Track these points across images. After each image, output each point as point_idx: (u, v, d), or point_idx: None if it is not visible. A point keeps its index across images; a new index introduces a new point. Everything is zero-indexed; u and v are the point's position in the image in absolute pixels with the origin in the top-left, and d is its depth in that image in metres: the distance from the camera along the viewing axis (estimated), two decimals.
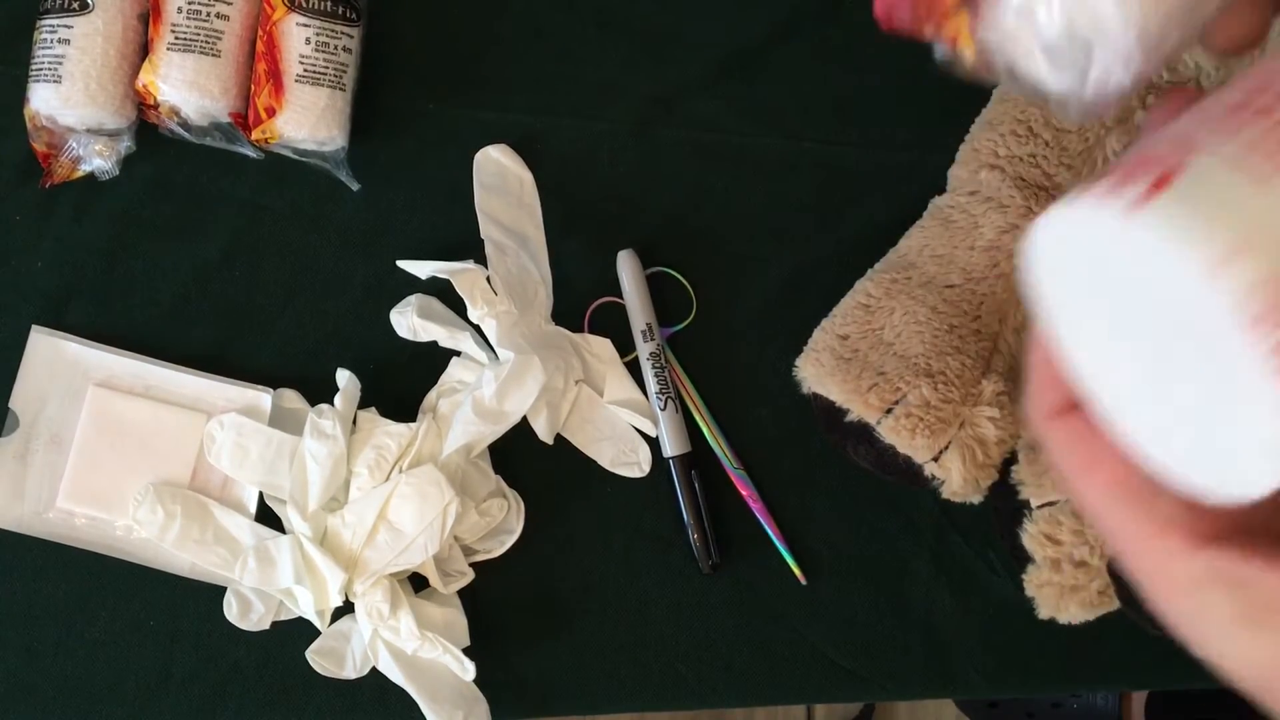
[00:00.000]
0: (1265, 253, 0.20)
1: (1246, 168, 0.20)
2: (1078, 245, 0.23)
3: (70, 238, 0.61)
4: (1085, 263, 0.23)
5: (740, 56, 0.64)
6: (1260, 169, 0.20)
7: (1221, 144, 0.21)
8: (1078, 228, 0.23)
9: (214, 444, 0.58)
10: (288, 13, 0.57)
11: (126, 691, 0.58)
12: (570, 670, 0.60)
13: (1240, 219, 0.20)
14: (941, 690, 0.62)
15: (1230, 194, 0.20)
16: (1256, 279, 0.20)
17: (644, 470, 0.60)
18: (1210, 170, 0.21)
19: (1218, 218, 0.20)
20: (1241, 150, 0.21)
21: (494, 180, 0.62)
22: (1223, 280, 0.20)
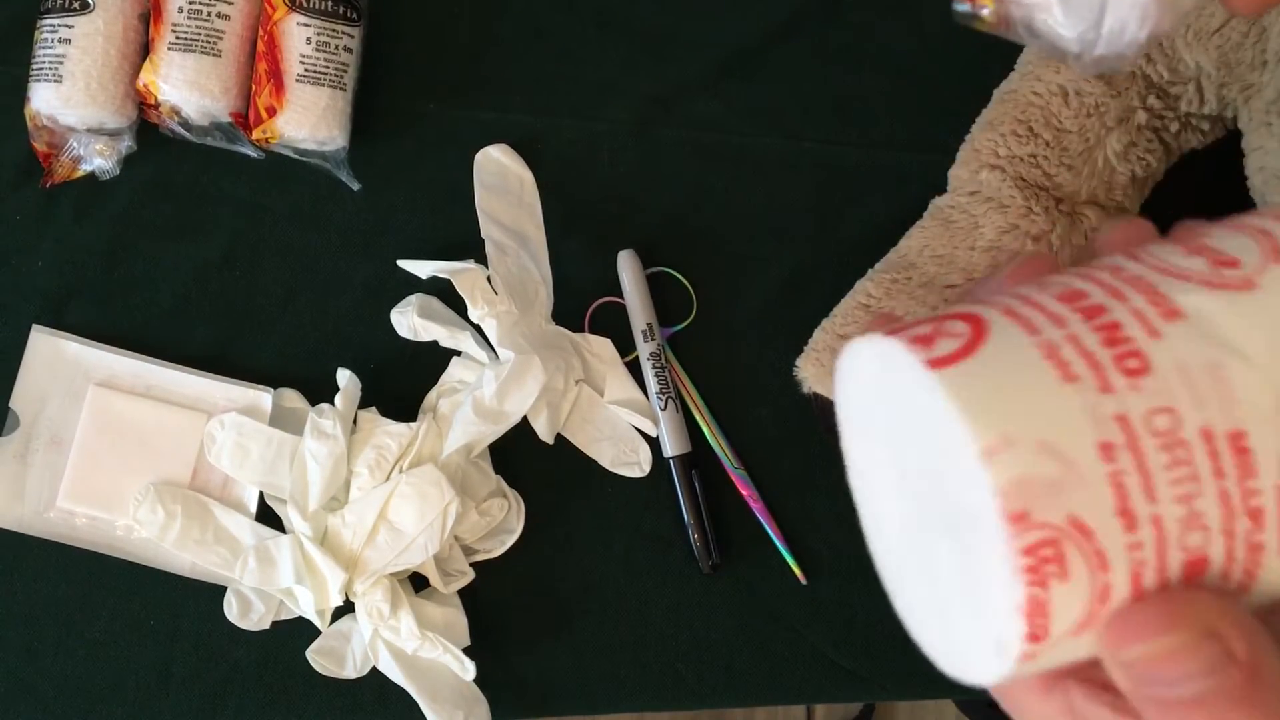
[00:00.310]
0: (1042, 452, 0.19)
1: (1053, 360, 0.20)
2: (879, 378, 0.23)
3: (70, 238, 0.61)
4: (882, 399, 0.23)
5: (740, 56, 0.64)
6: (1067, 368, 0.20)
7: (1043, 327, 0.21)
8: (884, 361, 0.22)
9: (214, 444, 0.58)
10: (288, 12, 0.57)
11: (126, 691, 0.58)
12: (570, 670, 0.60)
13: (1028, 411, 0.20)
14: (941, 690, 0.62)
15: (1026, 381, 0.20)
16: (1025, 475, 0.19)
17: (644, 470, 0.60)
18: (1015, 351, 0.20)
19: (1006, 403, 0.20)
20: (1057, 342, 0.20)
21: (494, 180, 0.62)
22: (994, 467, 0.19)
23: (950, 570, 0.22)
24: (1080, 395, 0.20)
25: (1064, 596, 0.20)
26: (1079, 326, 0.20)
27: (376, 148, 0.62)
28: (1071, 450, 0.19)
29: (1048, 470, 0.19)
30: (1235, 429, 0.20)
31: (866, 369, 0.24)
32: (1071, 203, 0.57)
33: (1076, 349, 0.20)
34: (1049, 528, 0.19)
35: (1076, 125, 0.56)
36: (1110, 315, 0.20)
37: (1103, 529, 0.19)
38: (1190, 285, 0.21)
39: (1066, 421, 0.20)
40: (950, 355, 0.21)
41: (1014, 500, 0.19)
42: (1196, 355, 0.20)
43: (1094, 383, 0.20)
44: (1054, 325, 0.21)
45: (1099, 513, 0.19)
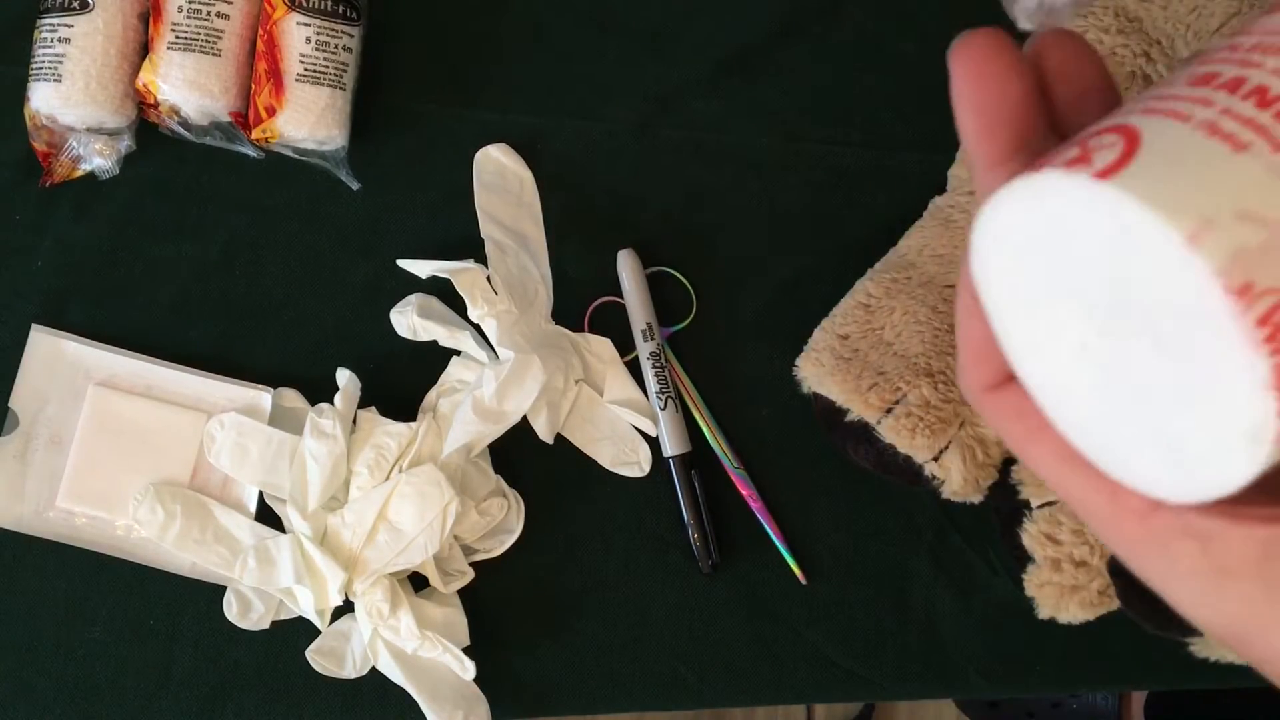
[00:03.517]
0: (1244, 220, 0.19)
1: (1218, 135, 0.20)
2: (1038, 220, 0.22)
3: (70, 237, 0.61)
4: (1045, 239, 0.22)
5: (740, 56, 0.64)
6: (1234, 139, 0.20)
7: (1194, 110, 0.20)
8: (1040, 200, 0.22)
9: (214, 443, 0.58)
10: (288, 12, 0.57)
11: (126, 691, 0.58)
12: (570, 670, 0.60)
13: (1215, 188, 0.19)
14: (941, 690, 0.62)
15: (1202, 163, 0.20)
16: (1238, 247, 0.19)
17: (644, 470, 0.60)
18: (1182, 137, 0.20)
19: (1195, 185, 0.19)
20: (1216, 116, 0.20)
21: (494, 179, 0.62)
22: (1204, 249, 0.19)
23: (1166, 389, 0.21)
24: (1258, 159, 0.19)
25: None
26: (1227, 100, 0.20)
27: (376, 148, 0.62)
28: (1272, 211, 0.19)
29: (1256, 236, 0.19)
30: None
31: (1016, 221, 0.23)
32: None
33: (1236, 119, 0.20)
34: (1275, 292, 0.19)
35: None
36: (1253, 82, 0.20)
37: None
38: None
39: (1256, 186, 0.19)
40: (1114, 163, 0.20)
41: (1235, 275, 0.19)
42: None
43: (1265, 145, 0.19)
44: (1203, 107, 0.20)
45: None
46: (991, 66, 0.24)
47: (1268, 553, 0.22)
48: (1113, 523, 0.25)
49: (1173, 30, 0.55)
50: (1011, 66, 0.24)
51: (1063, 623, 0.57)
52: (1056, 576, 0.55)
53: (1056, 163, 0.21)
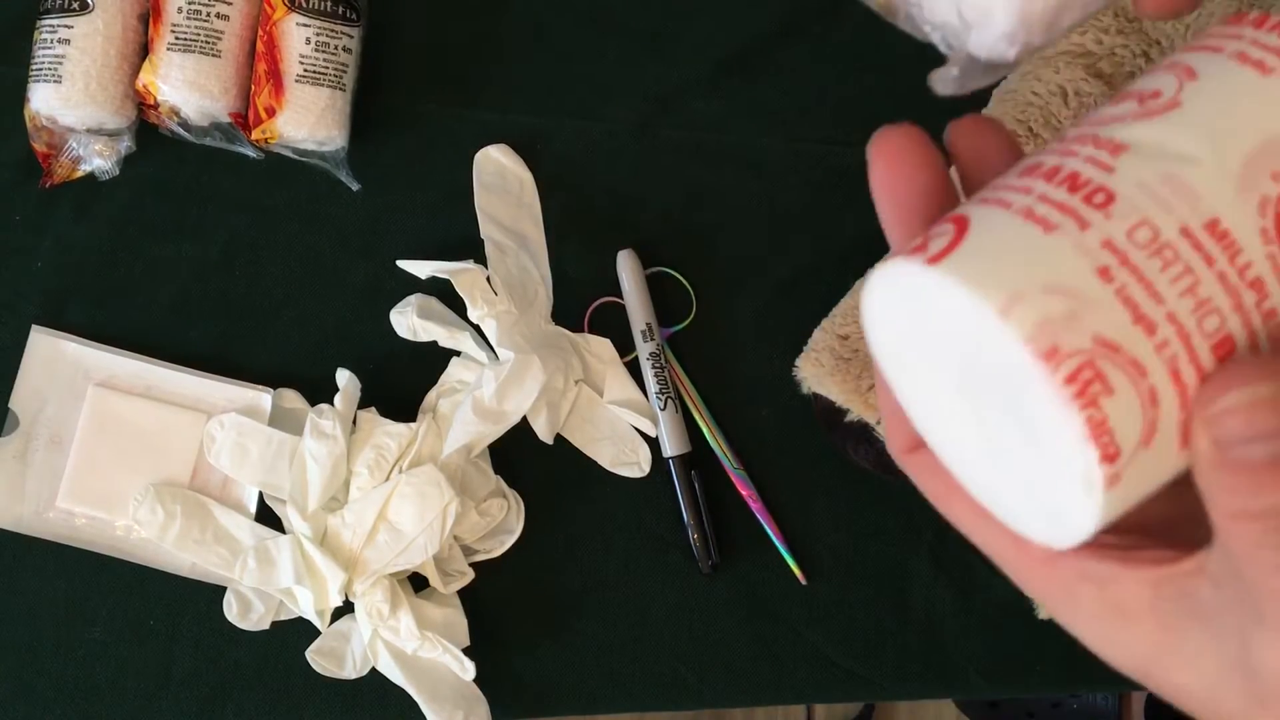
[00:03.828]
0: (1050, 293, 0.21)
1: (1032, 219, 0.22)
2: (895, 301, 0.25)
3: (70, 238, 0.61)
4: (904, 317, 0.25)
5: (740, 56, 0.64)
6: (1046, 222, 0.22)
7: (1015, 198, 0.23)
8: (892, 284, 0.24)
9: (214, 444, 0.58)
10: (288, 13, 0.57)
11: (126, 691, 0.58)
12: (570, 670, 0.60)
13: (1025, 266, 0.22)
14: (941, 690, 0.62)
15: (1016, 244, 0.22)
16: (1043, 316, 0.21)
17: (644, 470, 0.60)
18: (1002, 222, 0.23)
19: (1008, 264, 0.22)
20: (1032, 202, 0.23)
21: (494, 180, 0.62)
22: (1014, 320, 0.21)
23: (1022, 445, 0.23)
24: (1065, 238, 0.22)
25: (1118, 409, 0.21)
26: (1044, 187, 0.23)
27: (376, 148, 0.62)
28: (1075, 284, 0.21)
29: (1060, 307, 0.21)
30: (1208, 218, 0.22)
31: (883, 298, 0.25)
32: None
33: (1048, 204, 0.22)
34: (1080, 353, 0.21)
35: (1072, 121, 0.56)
36: (1066, 169, 0.23)
37: (1127, 339, 0.21)
38: (1125, 124, 0.23)
39: (1061, 263, 0.22)
40: (944, 249, 0.23)
41: (1041, 340, 0.21)
42: (1150, 172, 0.22)
43: (1073, 224, 0.22)
44: (1023, 195, 0.23)
45: (1119, 327, 0.21)
46: (903, 160, 0.27)
47: (1159, 594, 0.23)
48: (1022, 570, 0.27)
49: (1172, 30, 0.55)
50: (921, 160, 0.27)
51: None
52: None
53: (903, 250, 0.24)
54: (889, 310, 0.26)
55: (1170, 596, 0.23)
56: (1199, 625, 0.23)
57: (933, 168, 0.27)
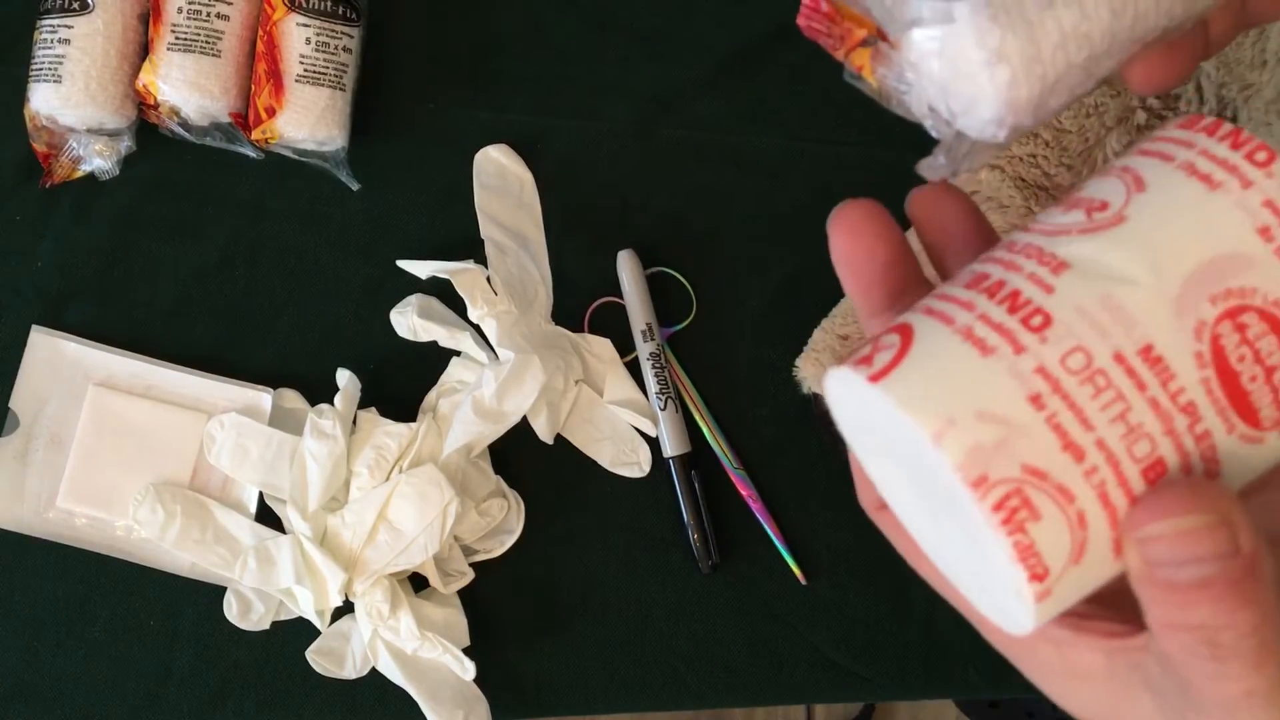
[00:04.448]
0: (982, 420, 0.22)
1: (970, 340, 0.23)
2: (848, 399, 0.26)
3: (70, 238, 0.61)
4: (857, 414, 0.26)
5: (740, 56, 0.64)
6: (983, 344, 0.23)
7: (958, 314, 0.24)
8: (843, 386, 0.25)
9: (214, 444, 0.58)
10: (288, 13, 0.57)
11: (126, 691, 0.58)
12: (570, 670, 0.60)
13: (960, 390, 0.22)
14: (941, 690, 0.62)
15: (954, 366, 0.23)
16: (974, 444, 0.22)
17: (644, 470, 0.60)
18: (942, 342, 0.23)
19: (940, 390, 0.23)
20: (972, 321, 0.23)
21: (494, 180, 0.62)
22: (946, 446, 0.22)
23: (965, 543, 0.24)
24: (1000, 363, 0.22)
25: (1045, 533, 0.22)
26: (985, 305, 0.23)
27: (376, 148, 0.62)
28: (1006, 411, 0.22)
29: (991, 434, 0.22)
30: (1142, 344, 0.22)
31: (839, 396, 0.27)
32: None
33: (988, 325, 0.23)
34: (1008, 481, 0.22)
35: (1076, 125, 0.56)
36: (1009, 287, 0.23)
37: (1054, 466, 0.22)
38: (1070, 238, 0.24)
39: (994, 388, 0.22)
40: (887, 366, 0.24)
41: (971, 468, 0.22)
42: (1088, 294, 0.22)
43: (1009, 349, 0.22)
44: (965, 310, 0.24)
45: (1047, 454, 0.22)
46: (861, 234, 0.29)
47: (1112, 661, 0.25)
48: (986, 627, 0.28)
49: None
50: (878, 234, 0.29)
51: None
52: None
53: (851, 360, 0.25)
54: (844, 404, 0.26)
55: (1122, 666, 0.25)
56: (1149, 695, 0.24)
57: (890, 242, 0.28)
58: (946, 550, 0.27)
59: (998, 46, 0.26)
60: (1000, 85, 0.26)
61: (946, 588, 0.29)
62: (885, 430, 0.25)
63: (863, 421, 0.26)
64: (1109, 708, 0.26)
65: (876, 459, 0.28)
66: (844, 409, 0.27)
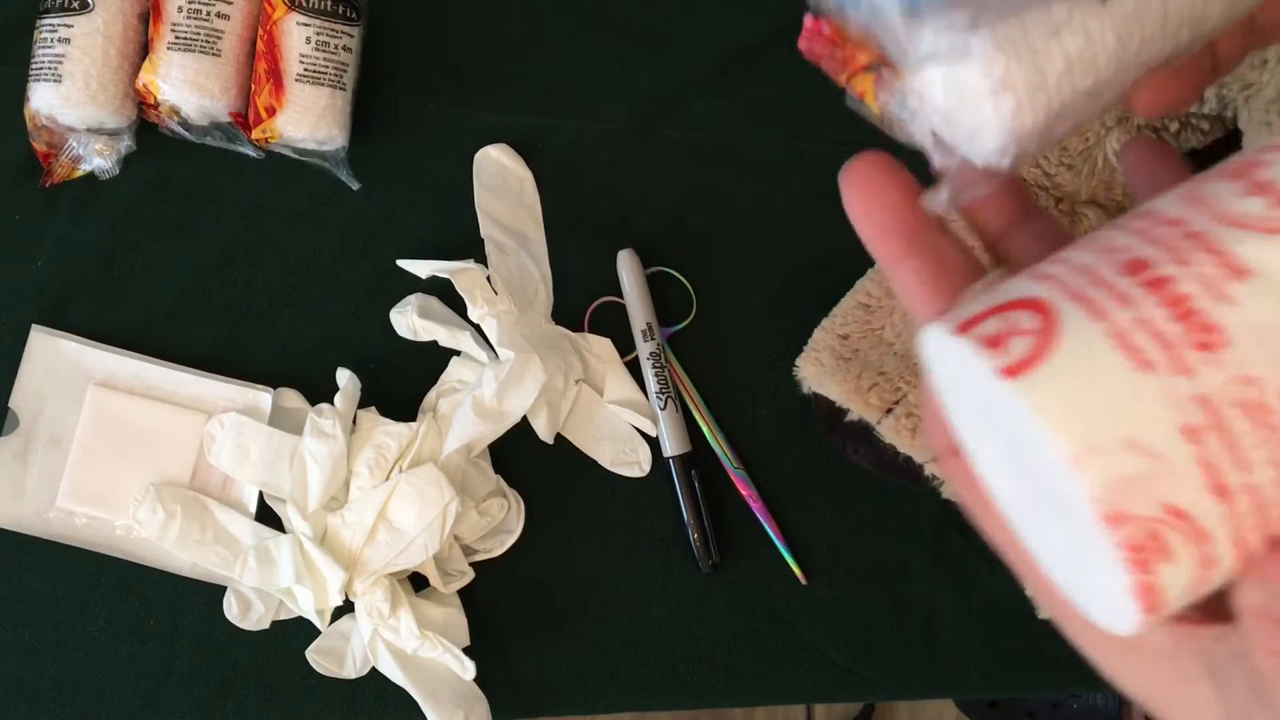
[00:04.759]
0: (1128, 449, 0.20)
1: (1127, 350, 0.20)
2: (960, 371, 0.23)
3: (70, 237, 0.61)
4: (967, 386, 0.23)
5: (740, 56, 0.64)
6: (1140, 356, 0.20)
7: (1113, 311, 0.21)
8: (957, 360, 0.23)
9: (214, 444, 0.58)
10: (288, 12, 0.57)
11: (126, 691, 0.58)
12: (570, 670, 0.60)
13: (1108, 410, 0.20)
14: (941, 690, 0.62)
15: (1103, 380, 0.20)
16: (1115, 476, 0.20)
17: (644, 470, 0.60)
18: (1087, 345, 0.20)
19: (1086, 407, 0.20)
20: (1130, 325, 0.20)
21: (494, 180, 0.62)
22: (1084, 474, 0.20)
23: (1064, 538, 0.22)
24: (1158, 383, 0.20)
25: (1171, 573, 0.20)
26: (1147, 306, 0.20)
27: (376, 148, 0.62)
28: (1156, 442, 0.20)
29: (1135, 467, 0.20)
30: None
31: (943, 358, 0.24)
32: (1071, 202, 0.57)
33: (1148, 332, 0.20)
34: (1145, 520, 0.20)
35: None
36: (1177, 287, 0.20)
37: (1198, 508, 0.20)
38: (1252, 235, 0.20)
39: (1147, 414, 0.20)
40: (1023, 360, 0.21)
41: (1108, 502, 0.20)
42: (1269, 315, 0.20)
43: (1169, 367, 0.20)
44: (1121, 306, 0.20)
45: (1192, 494, 0.20)
46: (873, 181, 0.28)
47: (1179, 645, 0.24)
48: (1041, 590, 0.27)
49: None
50: (889, 179, 0.28)
51: None
52: None
53: (975, 336, 0.22)
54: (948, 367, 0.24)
55: (1188, 650, 0.24)
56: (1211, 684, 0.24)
57: (901, 186, 0.28)
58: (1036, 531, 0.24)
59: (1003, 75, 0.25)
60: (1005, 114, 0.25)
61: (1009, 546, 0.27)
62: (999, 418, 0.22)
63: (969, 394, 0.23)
64: (1164, 688, 0.25)
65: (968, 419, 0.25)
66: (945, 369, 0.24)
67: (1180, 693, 0.25)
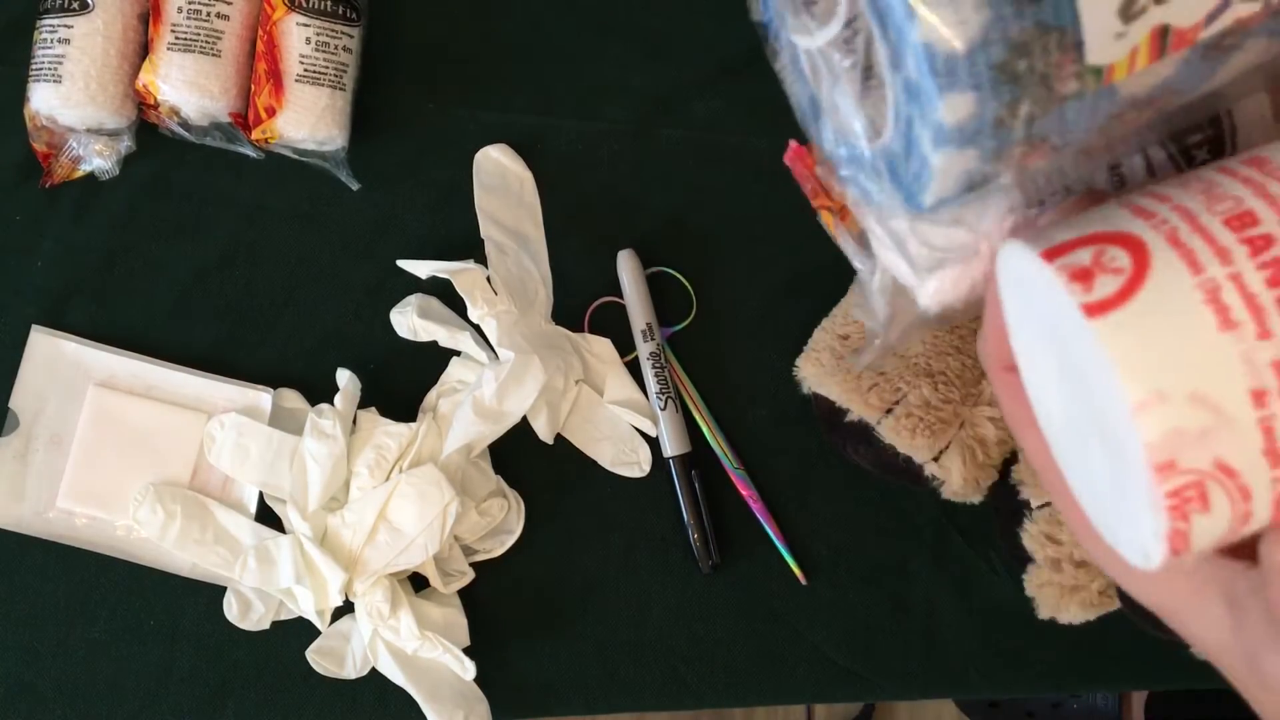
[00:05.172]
0: (1194, 403, 0.20)
1: (1215, 305, 0.20)
2: (1038, 294, 0.23)
3: (70, 238, 0.61)
4: (1040, 309, 0.24)
5: (740, 56, 0.64)
6: (1227, 315, 0.20)
7: (1209, 264, 0.20)
8: (1041, 285, 0.23)
9: (214, 444, 0.58)
10: (288, 12, 0.57)
11: (126, 691, 0.58)
12: (570, 670, 0.60)
13: (1183, 362, 0.20)
14: (941, 690, 0.62)
15: (1185, 332, 0.20)
16: (1176, 428, 0.20)
17: (644, 470, 0.60)
18: (1176, 295, 0.20)
19: (1162, 355, 0.20)
20: (1223, 281, 0.20)
21: (494, 180, 0.62)
22: (1145, 422, 0.20)
23: (1106, 471, 0.23)
24: (1238, 343, 0.20)
25: (1205, 524, 0.20)
26: (1244, 263, 0.20)
27: (376, 148, 0.62)
28: (1224, 400, 0.20)
29: (1198, 420, 0.20)
30: None
31: (1022, 278, 0.24)
32: None
33: (1240, 291, 0.20)
34: (1194, 472, 0.20)
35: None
36: (1277, 249, 0.20)
37: (1248, 468, 0.20)
38: None
39: (1221, 371, 0.20)
40: (1109, 299, 0.21)
41: (1162, 451, 0.20)
42: None
43: (1254, 329, 0.20)
44: (1219, 261, 0.20)
45: (1246, 455, 0.20)
46: None
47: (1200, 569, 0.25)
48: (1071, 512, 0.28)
49: None
50: None
51: (1063, 623, 0.57)
52: (1057, 576, 0.55)
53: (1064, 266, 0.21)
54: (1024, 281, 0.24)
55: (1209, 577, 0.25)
56: (1226, 607, 0.24)
57: None
58: (1078, 459, 0.25)
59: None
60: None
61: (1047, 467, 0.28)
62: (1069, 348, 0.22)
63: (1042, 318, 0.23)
64: (1178, 602, 0.26)
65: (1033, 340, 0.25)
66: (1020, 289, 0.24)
67: (1197, 608, 0.26)
